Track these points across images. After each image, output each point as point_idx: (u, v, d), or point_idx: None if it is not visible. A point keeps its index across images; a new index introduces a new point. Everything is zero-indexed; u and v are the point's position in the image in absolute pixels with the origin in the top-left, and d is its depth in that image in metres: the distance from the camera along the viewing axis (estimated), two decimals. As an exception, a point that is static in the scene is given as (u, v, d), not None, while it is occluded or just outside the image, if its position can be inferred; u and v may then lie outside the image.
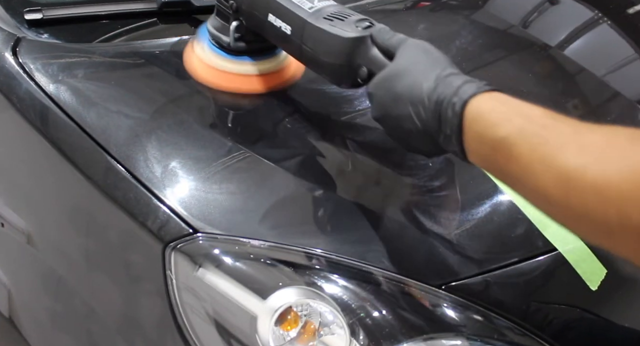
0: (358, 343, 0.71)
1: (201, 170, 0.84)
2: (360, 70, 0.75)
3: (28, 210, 1.04)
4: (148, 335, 0.84)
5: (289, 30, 0.81)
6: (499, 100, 0.61)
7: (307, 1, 0.80)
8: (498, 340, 0.75)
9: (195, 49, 0.96)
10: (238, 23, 0.88)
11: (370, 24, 0.77)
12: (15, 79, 0.94)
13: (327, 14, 0.78)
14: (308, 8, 0.79)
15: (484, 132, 0.59)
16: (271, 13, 0.82)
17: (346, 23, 0.77)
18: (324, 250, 0.77)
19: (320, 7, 0.79)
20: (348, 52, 0.76)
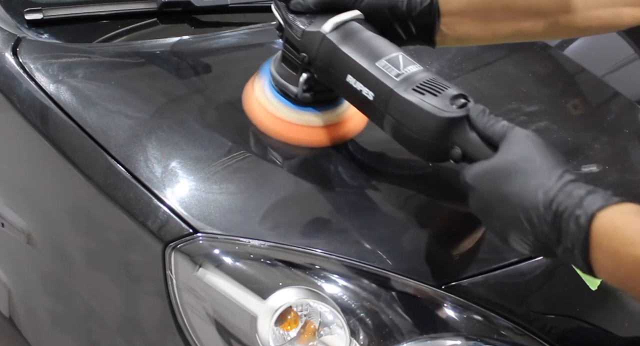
0: (358, 343, 0.71)
1: (201, 170, 0.84)
2: (453, 151, 0.69)
3: (28, 210, 1.04)
4: (148, 335, 0.84)
5: (371, 96, 0.73)
6: (632, 212, 0.57)
7: (393, 66, 0.73)
8: (498, 340, 0.75)
9: (255, 90, 0.89)
10: (308, 76, 0.81)
11: (466, 100, 0.70)
12: (16, 79, 0.94)
13: (416, 85, 0.71)
14: (395, 75, 0.72)
15: (621, 249, 0.55)
16: (350, 74, 0.75)
17: (440, 99, 0.69)
18: (324, 250, 0.77)
19: (408, 75, 0.72)
20: (441, 131, 0.69)
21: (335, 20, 0.77)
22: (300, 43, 0.79)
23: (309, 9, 0.80)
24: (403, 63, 0.73)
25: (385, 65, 0.73)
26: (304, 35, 0.78)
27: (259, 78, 0.89)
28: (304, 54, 0.79)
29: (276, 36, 0.85)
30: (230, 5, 1.21)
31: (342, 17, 0.77)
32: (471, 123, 0.67)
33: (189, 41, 1.12)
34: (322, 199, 0.85)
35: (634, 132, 1.14)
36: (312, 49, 0.78)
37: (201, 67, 1.06)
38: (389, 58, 0.73)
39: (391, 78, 0.72)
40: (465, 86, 1.12)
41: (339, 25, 0.77)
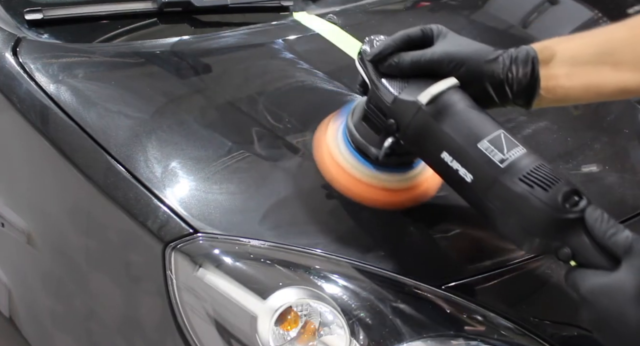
0: (358, 343, 0.71)
1: (201, 170, 0.84)
2: (562, 250, 0.63)
3: (28, 210, 1.04)
4: (148, 335, 0.84)
5: (469, 178, 0.66)
6: None
7: (496, 149, 0.65)
8: (498, 340, 0.75)
9: (329, 140, 0.81)
10: (394, 141, 0.72)
11: (579, 197, 0.63)
12: (16, 79, 0.94)
13: (523, 174, 0.64)
14: (499, 160, 0.65)
15: None
16: (447, 152, 0.68)
17: (551, 194, 0.62)
18: (324, 250, 0.77)
19: (513, 161, 0.65)
20: (550, 230, 0.62)
21: (432, 91, 0.69)
22: (390, 110, 0.71)
23: (401, 73, 0.72)
24: (507, 145, 0.66)
25: (488, 148, 0.66)
26: (395, 102, 0.71)
27: (333, 127, 0.81)
28: (392, 121, 0.71)
29: (276, 36, 0.85)
30: (230, 5, 1.21)
31: (440, 87, 0.69)
32: (587, 228, 0.61)
33: (189, 41, 1.12)
34: (322, 200, 0.85)
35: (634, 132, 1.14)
36: (403, 118, 0.70)
37: (201, 67, 1.06)
38: (491, 139, 0.66)
39: (495, 164, 0.65)
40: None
41: (437, 96, 0.69)
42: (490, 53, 0.72)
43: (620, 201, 0.97)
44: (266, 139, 0.93)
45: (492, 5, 1.41)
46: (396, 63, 0.72)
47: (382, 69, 0.73)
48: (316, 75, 1.07)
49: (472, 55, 0.71)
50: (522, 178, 0.63)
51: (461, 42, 0.73)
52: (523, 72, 0.71)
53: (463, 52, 0.71)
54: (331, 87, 1.03)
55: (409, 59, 0.71)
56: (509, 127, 1.03)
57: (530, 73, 0.71)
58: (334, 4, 1.31)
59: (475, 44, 0.73)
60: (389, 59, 0.72)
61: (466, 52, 0.71)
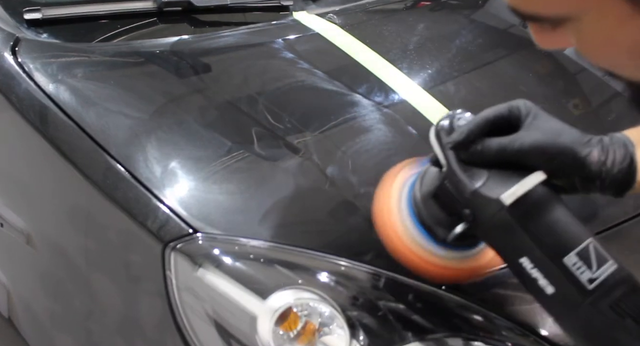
0: (358, 343, 0.71)
1: (201, 170, 0.84)
2: None
3: (27, 210, 1.04)
4: (148, 335, 0.84)
5: (549, 291, 0.60)
6: None
7: (584, 264, 0.59)
8: (498, 340, 0.75)
9: (393, 210, 0.73)
10: (467, 227, 0.66)
11: None
12: (15, 79, 0.94)
13: (614, 301, 0.57)
14: (587, 280, 0.58)
15: None
16: (527, 258, 0.61)
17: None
18: (324, 250, 0.77)
19: (603, 281, 0.58)
20: None
21: (517, 191, 0.62)
22: (468, 201, 0.65)
23: (485, 162, 0.64)
24: (596, 259, 0.59)
25: (576, 264, 0.59)
26: (475, 195, 0.64)
27: (398, 187, 0.74)
28: (468, 211, 0.65)
29: (276, 36, 0.85)
30: (230, 5, 1.21)
31: (526, 187, 0.62)
32: None
33: (189, 41, 1.12)
34: (323, 200, 0.85)
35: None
36: (482, 213, 0.64)
37: (201, 67, 1.06)
38: (579, 251, 0.60)
39: (583, 284, 0.58)
40: (466, 86, 1.12)
41: (522, 197, 0.62)
42: (585, 144, 0.64)
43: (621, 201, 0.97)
44: (266, 139, 0.92)
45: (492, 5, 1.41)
46: (480, 151, 0.64)
47: (464, 156, 0.65)
48: (316, 75, 1.07)
49: (565, 148, 0.64)
50: (612, 305, 0.57)
51: (553, 129, 0.65)
52: (618, 168, 0.65)
53: (556, 145, 0.64)
54: (331, 87, 1.03)
55: (494, 148, 0.64)
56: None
57: (625, 169, 0.65)
58: (334, 3, 1.31)
59: (568, 131, 0.65)
60: (472, 146, 0.64)
61: (559, 144, 0.64)
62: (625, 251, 0.90)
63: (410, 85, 1.05)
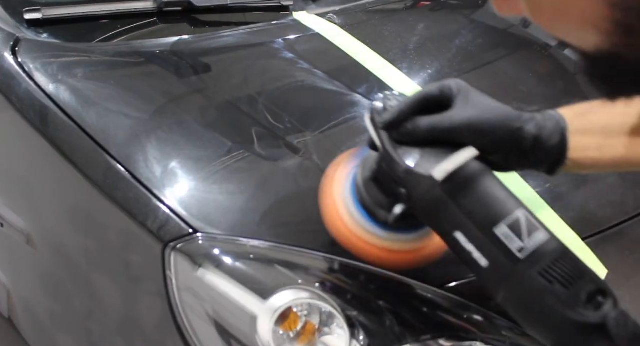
0: (358, 343, 0.71)
1: (201, 170, 0.84)
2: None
3: (28, 210, 1.04)
4: (148, 335, 0.84)
5: (483, 263, 0.61)
6: None
7: (514, 234, 0.60)
8: (498, 340, 0.75)
9: (336, 196, 0.75)
10: (404, 209, 0.67)
11: (604, 297, 0.57)
12: (15, 79, 0.94)
13: (544, 267, 0.58)
14: (517, 249, 0.59)
15: None
16: (461, 232, 0.62)
17: (572, 293, 0.57)
18: (324, 250, 0.77)
19: (533, 250, 0.59)
20: (570, 333, 0.57)
21: (448, 166, 0.63)
22: (402, 180, 0.66)
23: (417, 140, 0.65)
24: (527, 229, 0.61)
25: (506, 234, 0.60)
26: (408, 173, 0.65)
27: (342, 175, 0.75)
28: (404, 191, 0.66)
29: (276, 36, 0.85)
30: (230, 5, 1.21)
31: (457, 163, 0.63)
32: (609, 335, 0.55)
33: (189, 41, 1.12)
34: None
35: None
36: (416, 191, 0.65)
37: (201, 67, 1.06)
38: (510, 222, 0.61)
39: (513, 253, 0.59)
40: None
41: (454, 173, 0.63)
42: (516, 120, 0.65)
43: (621, 201, 0.97)
44: (266, 139, 0.92)
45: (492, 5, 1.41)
46: (411, 130, 0.65)
47: (396, 136, 0.66)
48: (316, 74, 1.07)
49: (495, 124, 0.65)
50: (541, 272, 0.58)
51: (484, 106, 0.66)
52: (550, 144, 0.66)
53: (487, 121, 0.64)
54: (331, 87, 1.03)
55: (425, 126, 0.64)
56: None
57: (557, 145, 0.66)
58: (334, 3, 1.31)
59: (500, 107, 0.66)
60: (403, 125, 0.65)
61: (489, 120, 0.64)
62: (625, 251, 0.90)
63: (410, 85, 1.05)
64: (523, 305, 0.59)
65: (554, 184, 0.95)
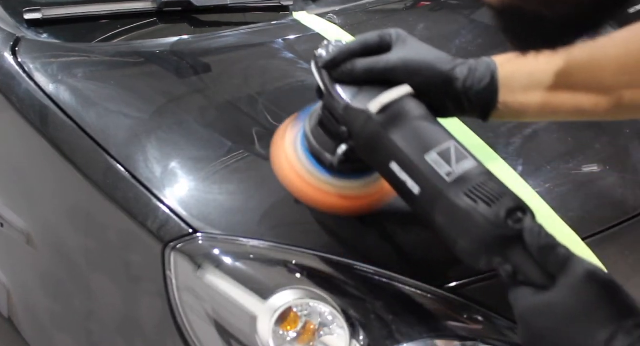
0: (358, 343, 0.71)
1: (201, 170, 0.84)
2: (503, 267, 0.61)
3: (28, 210, 1.04)
4: (148, 335, 0.84)
5: (416, 190, 0.65)
6: None
7: (444, 161, 0.64)
8: (498, 340, 0.75)
9: (286, 144, 0.78)
10: (347, 148, 0.71)
11: (523, 213, 0.62)
12: (15, 79, 0.94)
13: (469, 188, 0.62)
14: (446, 173, 0.63)
15: None
16: (395, 162, 0.66)
17: (494, 210, 0.61)
18: (324, 250, 0.77)
19: (460, 175, 0.63)
20: (492, 246, 0.61)
21: (383, 100, 0.68)
22: (342, 117, 0.70)
23: (355, 80, 0.70)
24: (456, 157, 0.65)
25: (436, 160, 0.64)
26: (347, 110, 0.69)
27: (292, 131, 0.79)
28: (344, 129, 0.70)
29: (276, 36, 0.85)
30: (230, 5, 1.21)
31: (391, 96, 0.68)
32: (525, 242, 0.60)
33: (189, 41, 1.12)
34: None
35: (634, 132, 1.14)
36: (354, 126, 0.69)
37: (201, 67, 1.06)
38: (440, 151, 0.65)
39: (441, 177, 0.63)
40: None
41: (387, 106, 0.68)
42: (449, 62, 0.69)
43: (621, 201, 0.97)
44: (266, 139, 0.92)
45: (492, 5, 1.41)
46: (350, 70, 0.69)
47: (335, 76, 0.70)
48: (316, 75, 1.07)
49: (429, 64, 0.69)
50: (467, 193, 0.62)
51: (420, 49, 0.70)
52: (481, 85, 0.70)
53: (420, 61, 0.69)
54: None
55: (362, 66, 0.69)
56: (510, 126, 1.03)
57: (488, 86, 0.70)
58: (334, 3, 1.31)
59: (435, 52, 0.70)
60: (343, 65, 0.70)
61: (423, 60, 0.69)
62: (626, 251, 0.90)
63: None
64: (451, 225, 0.63)
65: (554, 184, 0.95)
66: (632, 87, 0.69)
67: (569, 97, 0.71)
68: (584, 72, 0.70)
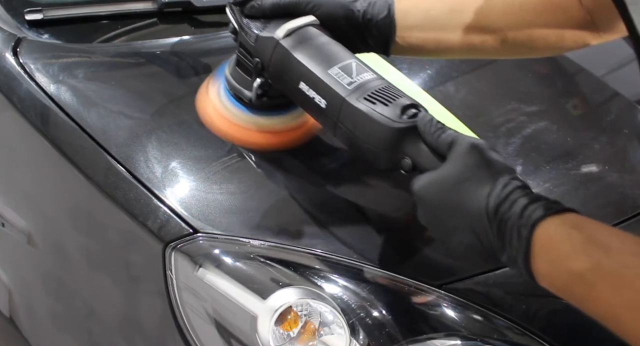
0: (358, 343, 0.71)
1: (201, 170, 0.84)
2: (403, 161, 0.68)
3: (28, 210, 1.05)
4: (148, 335, 0.84)
5: (323, 104, 0.71)
6: (572, 224, 0.56)
7: (345, 74, 0.71)
8: (498, 340, 0.75)
9: (210, 94, 0.86)
10: (262, 81, 0.78)
11: (417, 110, 0.68)
12: (16, 79, 0.95)
13: (368, 93, 0.69)
14: (347, 83, 0.70)
15: (557, 262, 0.55)
16: (303, 81, 0.73)
17: (390, 108, 0.68)
18: (324, 250, 0.77)
19: (360, 83, 0.70)
20: (391, 141, 0.67)
21: (288, 26, 0.75)
22: (254, 48, 0.77)
23: (264, 14, 0.78)
24: (356, 70, 0.72)
25: (338, 73, 0.71)
26: (257, 40, 0.76)
27: (213, 80, 0.87)
28: (257, 59, 0.77)
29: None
30: (230, 6, 1.21)
31: (297, 23, 0.75)
32: (420, 133, 0.66)
33: (189, 41, 1.12)
34: (323, 199, 0.85)
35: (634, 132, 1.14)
36: (265, 54, 0.76)
37: (201, 67, 1.06)
38: (342, 65, 0.72)
39: (343, 86, 0.70)
40: (466, 86, 1.12)
41: (293, 31, 0.75)
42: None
43: (620, 201, 0.97)
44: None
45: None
46: (259, 5, 0.77)
47: (246, 11, 0.79)
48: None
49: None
50: (366, 97, 0.69)
51: None
52: (379, 18, 0.76)
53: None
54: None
55: (270, 1, 0.77)
56: (509, 126, 1.03)
57: (385, 19, 0.76)
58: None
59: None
60: (252, 1, 0.78)
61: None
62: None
63: (410, 86, 1.05)
64: (355, 129, 0.69)
65: (554, 184, 0.95)
66: (513, 28, 0.77)
67: (461, 34, 0.78)
68: (474, 12, 0.77)
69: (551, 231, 0.56)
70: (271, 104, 0.81)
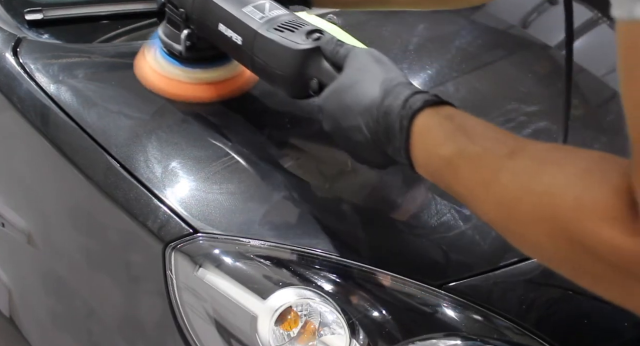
0: (358, 343, 0.71)
1: (201, 170, 0.84)
2: (311, 82, 0.74)
3: (28, 210, 1.05)
4: (148, 335, 0.84)
5: (239, 41, 0.78)
6: (445, 114, 0.60)
7: (258, 10, 0.78)
8: (498, 340, 0.75)
9: (146, 56, 0.92)
10: (189, 31, 0.85)
11: (321, 34, 0.75)
12: (16, 79, 0.95)
13: (278, 24, 0.76)
14: (259, 18, 0.77)
15: (431, 149, 0.59)
16: (221, 23, 0.79)
17: (296, 34, 0.75)
18: (324, 250, 0.77)
19: (271, 17, 0.77)
20: (298, 64, 0.74)
21: None
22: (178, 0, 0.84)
23: None
24: (269, 8, 0.79)
25: (251, 11, 0.78)
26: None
27: (149, 43, 0.93)
28: (182, 10, 0.83)
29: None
30: (231, 6, 1.21)
31: None
32: (323, 53, 0.72)
33: (189, 41, 1.12)
34: (323, 199, 0.85)
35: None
36: (187, 2, 0.83)
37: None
38: (256, 4, 0.79)
39: (255, 21, 0.77)
40: (466, 86, 1.12)
41: None
42: None
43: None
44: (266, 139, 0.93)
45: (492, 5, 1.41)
46: None
47: None
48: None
49: None
50: (276, 28, 0.76)
51: None
52: None
53: None
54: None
55: None
56: (509, 127, 1.03)
57: None
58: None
59: None
60: None
61: None
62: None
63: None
64: (268, 59, 0.76)
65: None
66: None
67: None
68: None
69: (427, 121, 0.60)
70: (203, 56, 0.88)
